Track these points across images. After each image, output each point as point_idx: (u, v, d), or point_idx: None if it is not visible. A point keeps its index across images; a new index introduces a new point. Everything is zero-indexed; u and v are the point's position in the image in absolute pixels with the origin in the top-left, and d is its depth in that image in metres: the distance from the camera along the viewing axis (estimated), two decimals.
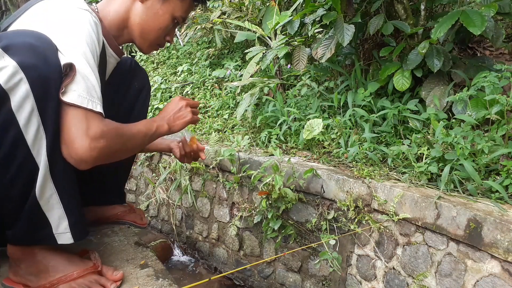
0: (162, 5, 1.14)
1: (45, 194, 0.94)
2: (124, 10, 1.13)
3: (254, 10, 3.20)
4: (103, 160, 0.93)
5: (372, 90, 1.81)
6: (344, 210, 1.49)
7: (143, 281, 1.14)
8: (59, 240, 1.00)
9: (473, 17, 1.40)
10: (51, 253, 1.03)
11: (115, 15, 1.13)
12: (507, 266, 1.07)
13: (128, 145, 1.01)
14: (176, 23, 1.18)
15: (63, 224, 0.99)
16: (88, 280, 1.03)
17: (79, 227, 1.02)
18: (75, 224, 1.01)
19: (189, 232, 2.32)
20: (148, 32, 1.13)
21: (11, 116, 0.84)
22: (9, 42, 0.83)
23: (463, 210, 1.15)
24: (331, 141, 1.81)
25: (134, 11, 1.13)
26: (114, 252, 1.29)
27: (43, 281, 1.00)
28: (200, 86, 3.21)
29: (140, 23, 1.13)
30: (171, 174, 2.36)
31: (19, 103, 0.84)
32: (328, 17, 1.74)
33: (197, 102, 1.22)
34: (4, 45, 0.82)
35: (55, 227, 0.99)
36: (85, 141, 0.88)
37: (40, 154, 0.89)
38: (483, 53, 1.97)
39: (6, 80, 0.81)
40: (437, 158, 1.39)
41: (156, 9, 1.14)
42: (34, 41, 0.85)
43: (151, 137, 1.08)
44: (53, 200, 0.96)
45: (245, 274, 1.96)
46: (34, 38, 0.86)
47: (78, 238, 1.02)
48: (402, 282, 1.34)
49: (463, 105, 1.51)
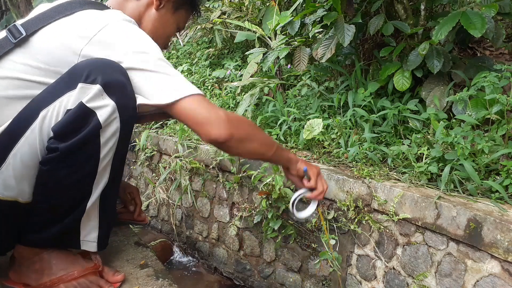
0: (172, 14, 1.21)
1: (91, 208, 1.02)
2: (138, 16, 1.16)
3: (254, 10, 3.20)
4: (237, 138, 0.97)
5: (372, 90, 1.81)
6: (344, 210, 1.49)
7: (143, 281, 1.14)
8: (82, 246, 1.07)
9: (473, 19, 1.39)
10: (55, 252, 1.05)
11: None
12: (507, 266, 1.07)
13: (256, 135, 1.06)
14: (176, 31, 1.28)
15: (93, 234, 1.06)
16: (88, 280, 1.04)
17: (105, 240, 1.10)
18: (103, 236, 1.08)
19: (189, 232, 2.32)
20: (157, 38, 1.15)
21: (97, 149, 0.93)
22: (107, 80, 0.89)
23: (463, 210, 1.15)
24: (331, 141, 1.81)
25: (147, 17, 1.18)
26: (114, 252, 1.29)
27: (45, 279, 1.01)
28: (200, 86, 3.21)
29: (151, 30, 1.17)
30: (171, 174, 2.36)
31: (107, 139, 0.93)
32: (329, 17, 1.74)
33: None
34: (103, 83, 0.89)
35: (84, 235, 1.05)
36: (215, 114, 0.94)
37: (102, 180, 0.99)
38: (483, 53, 1.97)
39: (106, 119, 0.90)
40: (437, 158, 1.39)
41: (167, 17, 1.21)
42: (125, 80, 0.93)
43: (277, 148, 1.12)
44: (94, 213, 1.04)
45: (245, 274, 1.96)
46: (123, 75, 0.93)
47: (101, 248, 1.09)
48: (402, 282, 1.34)
49: (463, 105, 1.51)
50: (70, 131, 0.88)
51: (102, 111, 0.89)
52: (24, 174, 0.91)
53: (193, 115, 0.93)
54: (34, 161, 0.91)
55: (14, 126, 0.90)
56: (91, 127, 0.89)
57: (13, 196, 0.92)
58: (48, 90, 0.91)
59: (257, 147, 1.06)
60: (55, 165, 0.90)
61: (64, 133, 0.88)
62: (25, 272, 1.02)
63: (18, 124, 0.90)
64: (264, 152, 1.08)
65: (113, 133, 0.93)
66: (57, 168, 0.91)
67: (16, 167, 0.90)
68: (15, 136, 0.89)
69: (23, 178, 0.91)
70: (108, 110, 0.90)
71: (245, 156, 1.14)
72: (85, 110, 0.88)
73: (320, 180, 1.23)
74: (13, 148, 0.89)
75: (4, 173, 0.89)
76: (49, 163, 0.90)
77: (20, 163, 0.90)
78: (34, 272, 1.01)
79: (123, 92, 0.93)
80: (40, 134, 0.89)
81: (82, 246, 1.05)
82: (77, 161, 0.92)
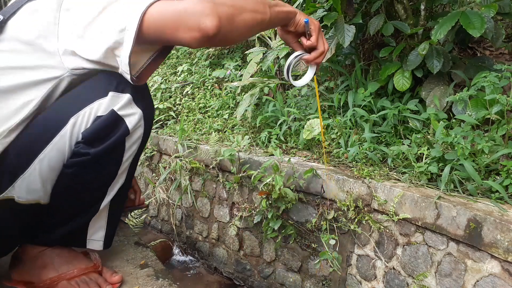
0: None
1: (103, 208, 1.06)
2: None
3: None
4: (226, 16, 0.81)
5: (372, 90, 1.81)
6: (344, 210, 1.49)
7: (143, 281, 1.14)
8: (88, 245, 1.11)
9: (472, 19, 1.40)
10: (58, 249, 1.08)
11: None
12: (507, 266, 1.07)
13: (242, 5, 0.87)
14: None
15: (100, 233, 1.09)
16: (89, 278, 1.05)
17: (111, 238, 1.13)
18: (109, 235, 1.12)
19: (189, 232, 2.32)
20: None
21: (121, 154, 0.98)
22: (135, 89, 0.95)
23: (463, 210, 1.15)
24: (331, 141, 1.81)
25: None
26: (114, 252, 1.29)
27: (46, 276, 1.03)
28: (200, 86, 3.21)
29: None
30: (171, 174, 2.36)
31: (131, 145, 0.99)
32: (329, 18, 1.74)
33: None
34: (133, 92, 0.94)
35: (91, 233, 1.08)
36: (190, 3, 0.79)
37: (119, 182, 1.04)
38: (483, 53, 1.97)
39: (133, 126, 0.95)
40: (437, 158, 1.39)
41: None
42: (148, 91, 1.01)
43: (271, 6, 0.95)
44: (104, 213, 1.08)
45: (245, 274, 1.96)
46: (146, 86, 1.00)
47: (106, 247, 1.13)
48: (402, 282, 1.34)
49: (463, 105, 1.51)
50: (101, 137, 0.92)
51: (131, 119, 0.94)
52: (49, 177, 0.93)
53: (162, 20, 0.80)
54: (60, 164, 0.93)
55: (39, 131, 0.90)
56: (120, 133, 0.94)
57: (36, 199, 0.94)
58: (74, 97, 0.92)
59: (250, 17, 0.89)
60: (80, 169, 0.93)
61: (94, 138, 0.92)
62: (28, 269, 1.04)
63: (45, 129, 0.90)
64: (260, 18, 0.91)
65: (136, 139, 0.99)
66: (83, 172, 0.94)
67: (43, 171, 0.91)
68: (42, 142, 0.90)
69: (47, 181, 0.93)
70: (135, 118, 0.95)
71: (241, 37, 0.92)
72: (116, 117, 0.92)
73: (322, 38, 1.08)
74: (40, 154, 0.90)
75: (28, 178, 0.90)
76: (75, 166, 0.93)
77: (48, 168, 0.91)
78: (36, 268, 1.03)
79: (147, 102, 1.00)
80: (69, 139, 0.91)
81: (88, 245, 1.09)
82: (103, 165, 0.96)
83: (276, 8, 0.97)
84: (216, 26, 0.77)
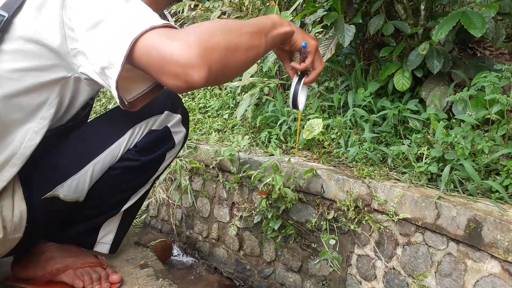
0: None
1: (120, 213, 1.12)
2: None
3: (254, 10, 3.20)
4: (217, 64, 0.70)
5: (372, 90, 1.81)
6: (344, 210, 1.49)
7: (143, 281, 1.14)
8: (95, 247, 1.14)
9: (473, 19, 1.40)
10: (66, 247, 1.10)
11: None
12: (507, 266, 1.07)
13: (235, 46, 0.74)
14: None
15: (109, 236, 1.14)
16: (93, 270, 1.08)
17: (118, 244, 1.18)
18: (117, 240, 1.16)
19: (189, 232, 2.32)
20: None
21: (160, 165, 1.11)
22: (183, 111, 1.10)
23: (463, 210, 1.15)
24: (331, 141, 1.81)
25: None
26: None
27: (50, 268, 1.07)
28: None
29: None
30: (171, 174, 2.36)
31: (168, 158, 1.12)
32: (329, 17, 1.74)
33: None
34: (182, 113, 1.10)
35: (102, 236, 1.13)
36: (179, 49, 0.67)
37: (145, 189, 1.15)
38: (483, 53, 1.97)
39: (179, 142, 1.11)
40: (437, 158, 1.39)
41: None
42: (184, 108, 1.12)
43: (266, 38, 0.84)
44: (118, 217, 1.13)
45: (245, 274, 1.96)
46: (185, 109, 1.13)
47: (111, 251, 1.16)
48: (402, 282, 1.34)
49: (463, 105, 1.51)
50: (151, 148, 1.04)
51: (178, 136, 1.10)
52: (96, 178, 1.00)
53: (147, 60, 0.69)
54: (107, 167, 1.01)
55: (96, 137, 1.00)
56: (168, 146, 1.08)
57: (76, 198, 0.99)
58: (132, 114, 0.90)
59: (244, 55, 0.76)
60: (124, 172, 1.03)
61: (146, 148, 1.03)
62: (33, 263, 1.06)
63: (103, 137, 1.00)
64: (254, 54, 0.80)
65: (174, 154, 1.13)
66: (125, 175, 1.03)
67: (95, 174, 0.98)
68: (98, 147, 0.98)
69: (93, 182, 1.00)
70: (181, 136, 1.11)
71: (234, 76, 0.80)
72: (168, 133, 1.06)
73: (319, 57, 1.02)
74: (95, 158, 0.97)
75: (79, 179, 0.96)
76: (121, 169, 1.02)
77: (99, 170, 0.99)
78: (42, 261, 1.06)
79: (188, 123, 1.15)
80: (124, 147, 1.01)
81: (95, 247, 1.13)
82: (144, 172, 1.08)
83: (273, 32, 0.87)
84: (203, 78, 0.67)
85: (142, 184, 1.12)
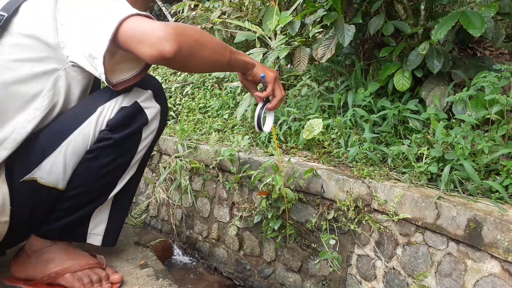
0: None
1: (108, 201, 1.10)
2: None
3: (254, 10, 3.20)
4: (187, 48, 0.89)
5: (372, 90, 1.81)
6: (344, 210, 1.49)
7: (143, 281, 1.14)
8: (88, 239, 1.13)
9: (473, 19, 1.40)
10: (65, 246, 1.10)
11: None
12: (507, 266, 1.07)
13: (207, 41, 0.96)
14: None
15: (100, 226, 1.12)
16: (92, 272, 1.07)
17: (111, 236, 1.15)
18: (110, 232, 1.14)
19: (189, 232, 2.32)
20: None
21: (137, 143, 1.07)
22: (155, 88, 1.08)
23: (463, 210, 1.15)
24: (331, 141, 1.81)
25: None
26: (114, 252, 1.29)
27: (50, 270, 1.06)
28: (200, 86, 3.21)
29: None
30: (171, 174, 2.36)
31: (146, 136, 1.08)
32: (329, 17, 1.74)
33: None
34: (153, 89, 1.07)
35: (92, 227, 1.11)
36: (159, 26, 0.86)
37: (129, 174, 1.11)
38: (483, 53, 1.97)
39: (152, 117, 1.07)
40: (437, 158, 1.39)
41: None
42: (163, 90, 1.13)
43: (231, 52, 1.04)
44: (107, 206, 1.12)
45: (245, 274, 1.96)
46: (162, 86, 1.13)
47: (105, 244, 1.14)
48: (402, 282, 1.34)
49: (463, 105, 1.51)
50: (123, 125, 1.02)
51: (150, 111, 1.06)
52: (71, 161, 1.00)
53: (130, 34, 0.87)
54: (82, 151, 1.01)
55: (69, 117, 1.00)
56: (140, 122, 1.05)
57: (54, 182, 0.99)
58: (102, 91, 1.04)
59: (210, 54, 0.97)
60: (100, 152, 1.01)
61: (118, 126, 1.01)
62: (33, 263, 1.05)
63: (75, 116, 1.00)
64: (218, 58, 1.00)
65: (152, 131, 1.09)
66: (102, 155, 1.02)
67: (67, 155, 0.98)
68: (71, 127, 0.99)
69: (69, 165, 1.00)
70: (154, 111, 1.07)
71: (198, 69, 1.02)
72: (139, 108, 1.04)
73: (278, 86, 1.18)
74: (68, 137, 0.98)
75: (53, 159, 0.97)
76: (96, 151, 1.01)
77: (72, 152, 0.99)
78: (41, 263, 1.05)
79: (164, 101, 1.11)
80: (95, 126, 1.00)
81: (88, 239, 1.11)
82: (121, 151, 1.05)
83: (237, 55, 1.07)
84: (172, 52, 0.85)
85: (123, 166, 1.08)
